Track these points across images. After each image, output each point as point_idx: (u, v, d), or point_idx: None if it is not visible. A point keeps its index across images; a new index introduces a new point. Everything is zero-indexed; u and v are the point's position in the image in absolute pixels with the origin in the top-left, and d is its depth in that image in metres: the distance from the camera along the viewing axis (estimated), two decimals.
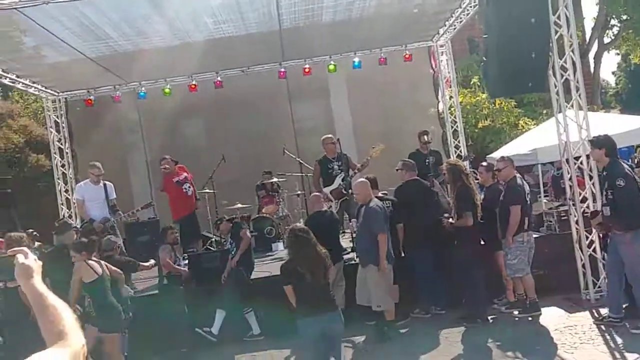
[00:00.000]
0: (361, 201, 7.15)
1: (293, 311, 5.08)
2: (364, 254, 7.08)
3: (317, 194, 8.36)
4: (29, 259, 1.77)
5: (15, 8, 7.76)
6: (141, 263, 7.86)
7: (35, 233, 10.13)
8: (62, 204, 12.52)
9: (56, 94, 12.60)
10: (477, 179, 8.06)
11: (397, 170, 8.03)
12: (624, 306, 6.55)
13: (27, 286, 1.71)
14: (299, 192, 11.49)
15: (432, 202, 7.88)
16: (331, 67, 12.34)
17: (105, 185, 9.12)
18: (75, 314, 1.73)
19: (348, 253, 8.55)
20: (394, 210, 7.62)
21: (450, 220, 7.30)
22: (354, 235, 8.02)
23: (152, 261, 7.94)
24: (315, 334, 4.88)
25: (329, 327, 4.94)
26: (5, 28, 8.77)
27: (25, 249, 1.83)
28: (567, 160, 7.79)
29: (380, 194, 7.81)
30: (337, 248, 7.60)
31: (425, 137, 9.86)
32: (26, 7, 7.72)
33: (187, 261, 8.43)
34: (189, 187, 9.74)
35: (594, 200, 7.54)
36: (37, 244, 9.84)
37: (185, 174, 9.81)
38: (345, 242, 9.08)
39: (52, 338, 1.55)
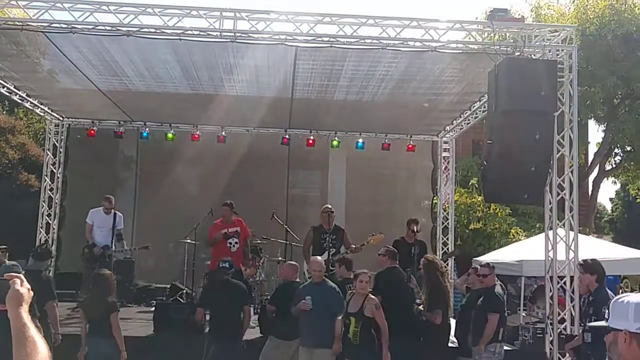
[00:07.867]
0: (317, 279, 6.97)
1: None
2: (317, 334, 6.71)
3: (293, 262, 8.16)
4: (23, 287, 1.82)
5: (42, 32, 7.87)
6: None
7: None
8: (41, 227, 12.31)
9: (60, 118, 12.66)
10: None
11: (378, 255, 7.88)
12: None
13: (13, 313, 1.76)
14: (280, 259, 11.29)
15: (407, 293, 7.69)
16: (335, 142, 12.52)
17: (115, 214, 9.83)
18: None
19: None
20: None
21: (421, 307, 7.15)
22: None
23: None
24: None
25: None
26: (27, 48, 8.88)
27: (21, 276, 1.88)
28: (551, 277, 7.72)
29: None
30: None
31: (415, 226, 9.48)
32: (53, 32, 7.82)
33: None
34: (236, 243, 9.21)
35: (572, 323, 7.41)
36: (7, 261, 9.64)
37: (238, 228, 9.24)
38: None
39: None
